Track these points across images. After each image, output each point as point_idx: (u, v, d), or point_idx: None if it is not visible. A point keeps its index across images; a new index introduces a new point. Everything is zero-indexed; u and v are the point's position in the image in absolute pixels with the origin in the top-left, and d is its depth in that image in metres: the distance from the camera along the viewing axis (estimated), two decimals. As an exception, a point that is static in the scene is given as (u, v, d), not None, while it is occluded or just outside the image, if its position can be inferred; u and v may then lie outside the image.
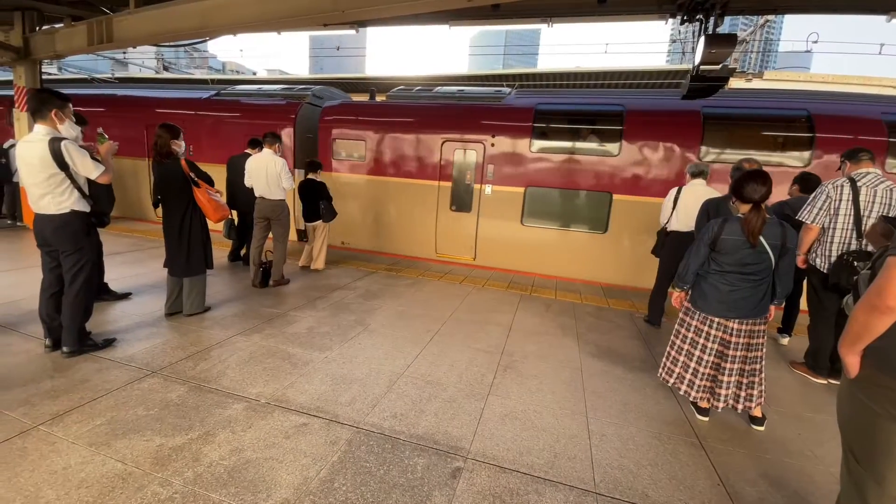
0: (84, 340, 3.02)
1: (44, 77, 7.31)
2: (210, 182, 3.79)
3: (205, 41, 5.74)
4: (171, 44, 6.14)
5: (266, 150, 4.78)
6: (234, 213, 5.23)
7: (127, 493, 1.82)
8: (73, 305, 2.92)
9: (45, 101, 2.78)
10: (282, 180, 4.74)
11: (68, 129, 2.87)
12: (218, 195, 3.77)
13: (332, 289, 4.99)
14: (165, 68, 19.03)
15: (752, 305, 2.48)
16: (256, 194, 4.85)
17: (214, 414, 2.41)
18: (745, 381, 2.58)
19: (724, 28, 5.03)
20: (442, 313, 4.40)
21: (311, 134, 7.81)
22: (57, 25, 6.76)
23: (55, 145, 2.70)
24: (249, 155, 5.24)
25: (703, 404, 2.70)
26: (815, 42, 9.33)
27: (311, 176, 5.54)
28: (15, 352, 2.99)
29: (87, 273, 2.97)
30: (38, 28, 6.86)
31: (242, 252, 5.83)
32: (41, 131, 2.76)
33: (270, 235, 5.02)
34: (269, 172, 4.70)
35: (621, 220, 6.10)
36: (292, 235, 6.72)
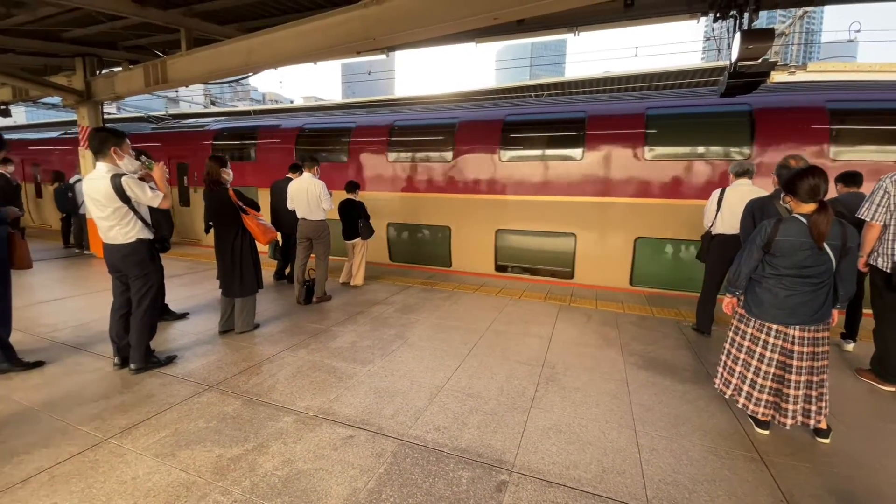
0: (149, 358, 3.26)
1: (104, 116, 8.03)
2: (256, 208, 4.02)
3: (249, 76, 6.16)
4: (219, 81, 6.61)
5: (306, 174, 5.03)
6: (279, 234, 5.50)
7: (191, 501, 1.94)
8: (140, 325, 3.16)
9: (105, 140, 3.02)
10: (322, 202, 4.96)
11: (127, 164, 3.13)
12: (264, 220, 4.00)
13: (372, 304, 5.11)
14: (213, 103, 20.44)
15: (812, 311, 2.33)
16: (298, 216, 5.09)
17: (267, 426, 2.53)
18: (814, 393, 2.40)
19: (762, 21, 4.85)
20: (479, 325, 4.41)
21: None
22: (115, 69, 7.46)
23: (116, 181, 2.95)
24: (290, 179, 5.52)
25: (764, 419, 2.54)
26: (858, 31, 8.79)
27: (349, 196, 5.76)
28: (86, 370, 3.26)
29: (153, 295, 3.23)
30: (98, 72, 7.58)
31: (287, 271, 6.09)
32: (103, 168, 3.01)
33: (313, 255, 5.23)
34: (309, 194, 4.93)
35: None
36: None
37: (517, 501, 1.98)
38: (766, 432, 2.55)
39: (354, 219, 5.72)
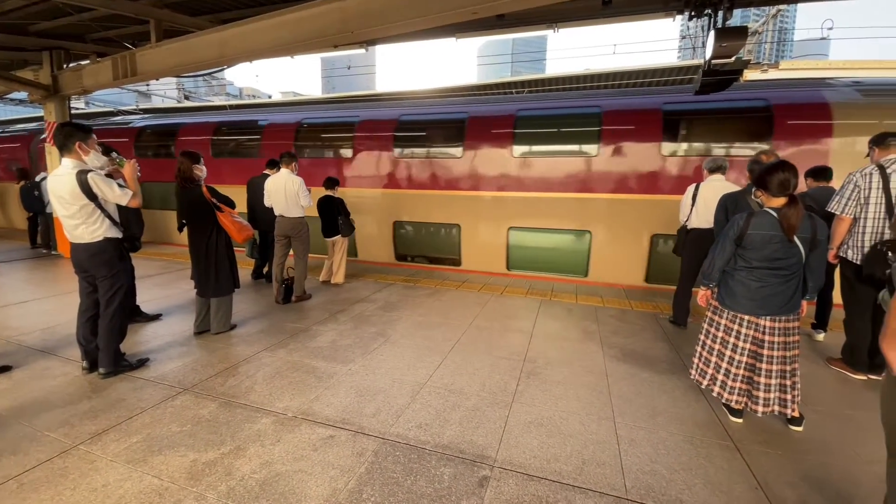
0: (119, 361, 3.15)
1: (72, 112, 7.71)
2: (231, 205, 3.91)
3: (223, 69, 5.98)
4: (192, 74, 6.41)
5: (283, 170, 4.92)
6: (256, 232, 5.38)
7: (164, 508, 1.88)
8: (108, 328, 3.04)
9: (69, 134, 2.90)
10: (300, 198, 4.87)
11: (94, 159, 3.01)
12: (239, 217, 3.89)
13: (353, 302, 5.05)
14: (186, 97, 19.84)
15: (783, 302, 2.40)
16: (276, 213, 4.98)
17: (244, 429, 2.47)
18: (788, 382, 2.48)
19: (736, 20, 4.96)
20: (462, 322, 4.41)
21: None
22: (83, 62, 7.16)
23: (82, 177, 2.83)
24: (268, 175, 5.39)
25: (737, 406, 2.61)
26: (831, 29, 9.09)
27: (328, 192, 5.66)
28: (54, 375, 3.13)
29: (122, 297, 3.11)
30: (65, 66, 7.27)
31: (265, 270, 5.97)
32: (69, 164, 2.89)
33: (291, 252, 5.14)
34: (287, 191, 4.83)
35: None
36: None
37: (499, 496, 1.98)
38: (740, 421, 2.62)
39: (334, 215, 5.64)
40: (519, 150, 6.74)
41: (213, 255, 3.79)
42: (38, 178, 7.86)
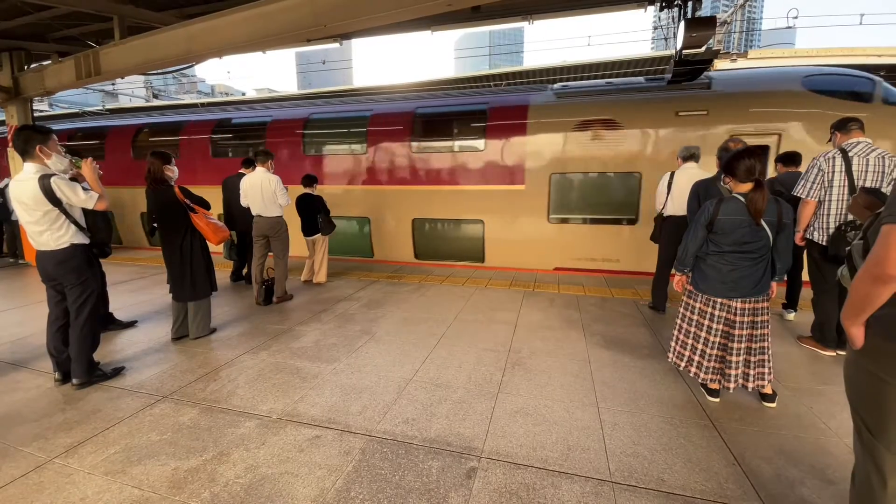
0: (93, 371, 3.04)
1: (35, 114, 7.38)
2: (206, 206, 3.81)
3: (191, 66, 5.80)
4: (159, 71, 6.19)
5: (259, 169, 4.82)
6: (233, 233, 5.25)
7: (146, 518, 1.83)
8: (80, 337, 2.94)
9: (28, 138, 2.78)
10: (277, 197, 4.78)
11: (56, 163, 2.88)
12: (214, 218, 3.80)
13: (336, 301, 5.00)
14: (155, 96, 19.19)
15: (752, 284, 2.49)
16: (253, 213, 4.88)
17: (227, 433, 2.43)
18: (753, 359, 2.59)
19: (706, 11, 5.06)
20: (446, 316, 4.42)
21: None
22: (45, 63, 6.84)
23: (45, 182, 2.71)
24: (243, 175, 5.27)
25: (713, 386, 2.71)
26: (796, 17, 9.37)
27: (307, 190, 5.57)
28: (26, 388, 3.01)
29: (93, 304, 3.00)
30: (26, 67, 6.94)
31: (244, 271, 5.85)
32: (31, 169, 2.77)
33: (271, 253, 5.05)
34: (263, 190, 4.73)
35: None
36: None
37: (486, 486, 2.00)
38: (717, 400, 2.71)
39: (313, 214, 5.56)
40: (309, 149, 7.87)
41: (188, 258, 3.68)
42: (1, 185, 7.50)
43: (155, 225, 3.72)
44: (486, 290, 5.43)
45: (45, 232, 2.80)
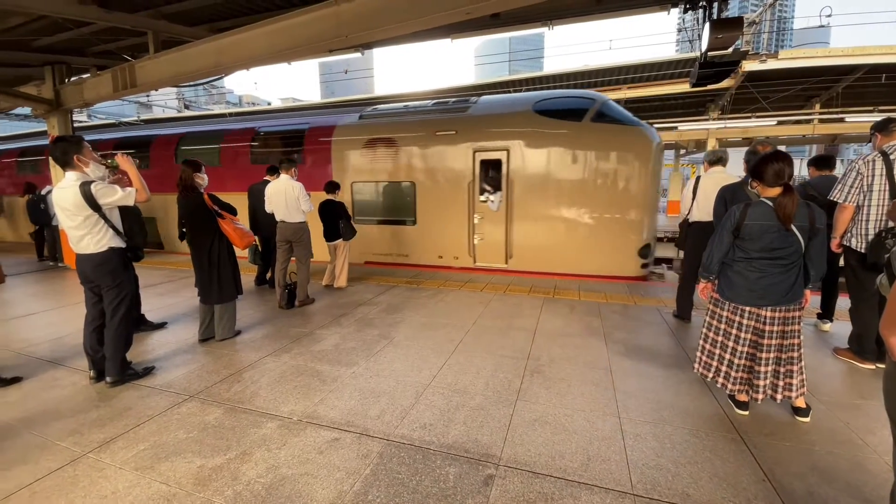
0: (126, 370, 3.18)
1: (75, 125, 7.79)
2: (233, 212, 3.94)
3: (220, 78, 6.02)
4: (191, 83, 6.46)
5: (283, 176, 4.95)
6: (258, 238, 5.41)
7: (172, 513, 1.89)
8: (114, 337, 3.07)
9: (65, 149, 2.93)
10: (300, 203, 4.89)
11: (94, 170, 3.03)
12: (241, 224, 3.92)
13: (356, 305, 5.07)
14: (186, 107, 19.98)
15: (783, 291, 2.39)
16: (277, 219, 5.01)
17: (250, 434, 2.49)
18: (782, 369, 2.48)
19: (733, 11, 4.96)
20: (465, 322, 4.41)
21: None
22: (84, 76, 7.23)
23: (85, 188, 2.86)
24: (268, 182, 5.42)
25: (742, 398, 2.61)
26: (829, 16, 9.02)
27: (329, 197, 5.69)
28: (63, 385, 3.16)
29: (127, 306, 3.14)
30: (67, 80, 7.34)
31: (268, 275, 6.00)
32: (71, 177, 2.92)
33: (294, 258, 5.16)
34: (287, 197, 4.86)
35: None
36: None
37: (504, 494, 1.98)
38: (746, 413, 2.61)
39: (335, 220, 5.66)
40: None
41: (216, 262, 3.81)
42: (43, 192, 7.94)
43: (184, 230, 3.87)
44: (505, 295, 5.40)
45: (85, 236, 2.95)
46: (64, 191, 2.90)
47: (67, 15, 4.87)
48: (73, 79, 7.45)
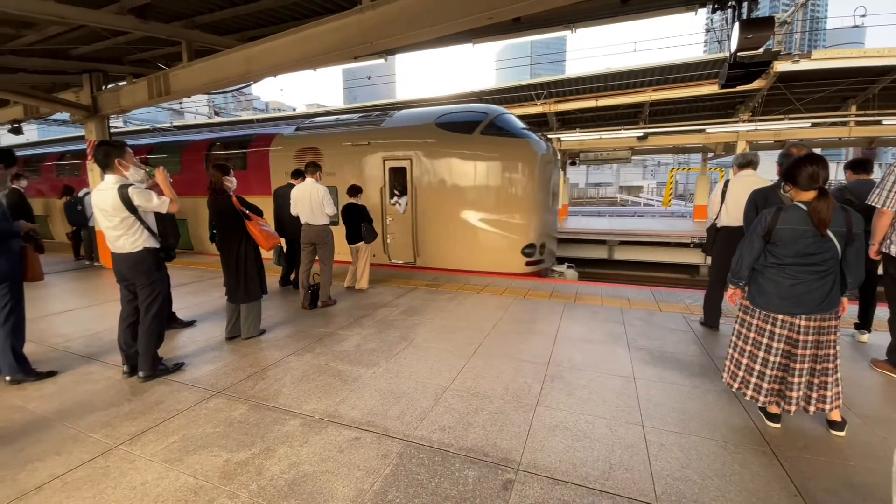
0: (157, 365, 3.30)
1: (111, 130, 8.16)
2: (260, 214, 4.05)
3: (249, 85, 6.22)
4: (221, 91, 6.70)
5: (308, 179, 5.06)
6: (283, 240, 5.53)
7: (199, 505, 1.95)
8: (147, 333, 3.20)
9: (108, 153, 3.08)
10: (325, 206, 4.99)
11: (133, 174, 3.18)
12: (267, 225, 4.03)
13: (377, 307, 5.12)
14: (217, 113, 20.67)
15: (818, 299, 2.29)
16: (302, 221, 5.12)
17: (273, 430, 2.54)
18: (816, 381, 2.38)
19: (764, 11, 4.82)
20: (484, 325, 4.40)
21: None
22: (120, 83, 7.58)
23: (123, 191, 3.00)
24: (293, 185, 5.55)
25: (773, 409, 2.51)
26: (863, 16, 8.64)
27: (352, 200, 5.78)
28: (97, 379, 3.30)
29: (160, 303, 3.26)
30: (104, 87, 7.71)
31: (292, 277, 6.13)
32: (110, 180, 3.07)
33: (317, 259, 5.26)
34: (312, 200, 4.96)
35: None
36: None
37: (523, 500, 1.96)
38: (778, 426, 2.51)
39: (357, 222, 5.74)
40: None
41: (243, 262, 3.93)
42: (80, 194, 8.34)
43: (214, 231, 4.00)
44: (524, 300, 5.36)
45: (122, 236, 3.09)
46: (103, 193, 3.04)
47: (106, 25, 5.12)
48: (109, 86, 7.81)
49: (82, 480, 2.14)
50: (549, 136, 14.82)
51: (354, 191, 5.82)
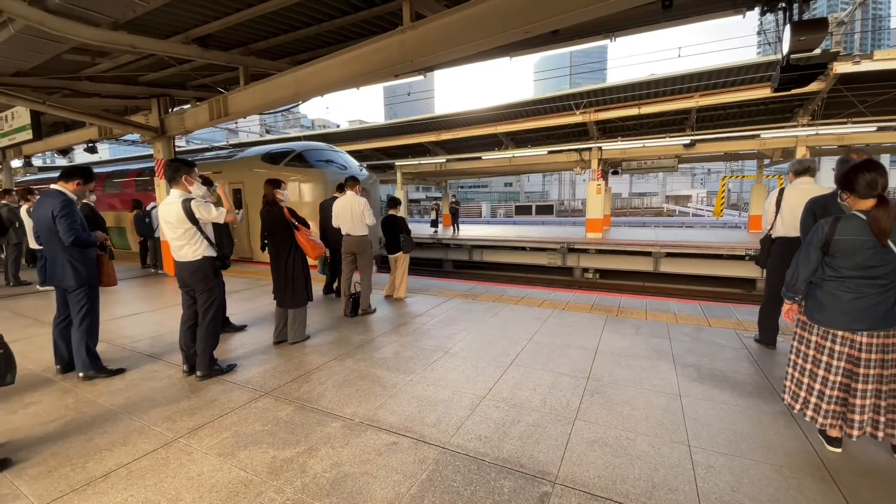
0: (213, 366, 3.54)
1: (176, 149, 8.91)
2: (307, 226, 4.30)
3: (298, 105, 6.63)
4: (272, 111, 7.18)
5: (349, 193, 5.29)
6: (326, 249, 5.78)
7: (248, 497, 2.08)
8: (205, 336, 3.45)
9: (177, 169, 3.39)
10: (365, 217, 5.19)
11: (197, 189, 3.48)
12: (314, 236, 4.26)
13: (414, 316, 5.22)
14: (267, 131, 22.01)
15: (881, 314, 2.12)
16: (343, 232, 5.34)
17: (316, 431, 2.66)
18: (884, 404, 2.18)
19: (821, 11, 4.57)
20: (521, 337, 4.37)
21: None
22: (185, 107, 8.29)
23: (186, 205, 3.29)
24: (336, 198, 5.81)
25: (834, 433, 2.33)
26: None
27: (392, 212, 5.96)
28: (160, 377, 3.59)
29: (217, 308, 3.52)
30: (170, 110, 8.46)
31: (335, 285, 6.38)
32: (175, 194, 3.37)
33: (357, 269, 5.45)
34: (353, 211, 5.17)
35: None
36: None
37: (560, 513, 1.94)
38: (839, 450, 2.32)
39: (396, 233, 5.90)
40: None
41: (292, 270, 4.16)
42: (148, 208, 9.14)
43: (266, 241, 4.27)
44: (563, 312, 5.27)
45: (184, 246, 3.38)
46: (169, 206, 3.35)
47: (172, 53, 5.66)
48: (175, 109, 8.57)
49: (145, 469, 2.33)
50: (580, 148, 14.90)
51: (393, 202, 6.00)
